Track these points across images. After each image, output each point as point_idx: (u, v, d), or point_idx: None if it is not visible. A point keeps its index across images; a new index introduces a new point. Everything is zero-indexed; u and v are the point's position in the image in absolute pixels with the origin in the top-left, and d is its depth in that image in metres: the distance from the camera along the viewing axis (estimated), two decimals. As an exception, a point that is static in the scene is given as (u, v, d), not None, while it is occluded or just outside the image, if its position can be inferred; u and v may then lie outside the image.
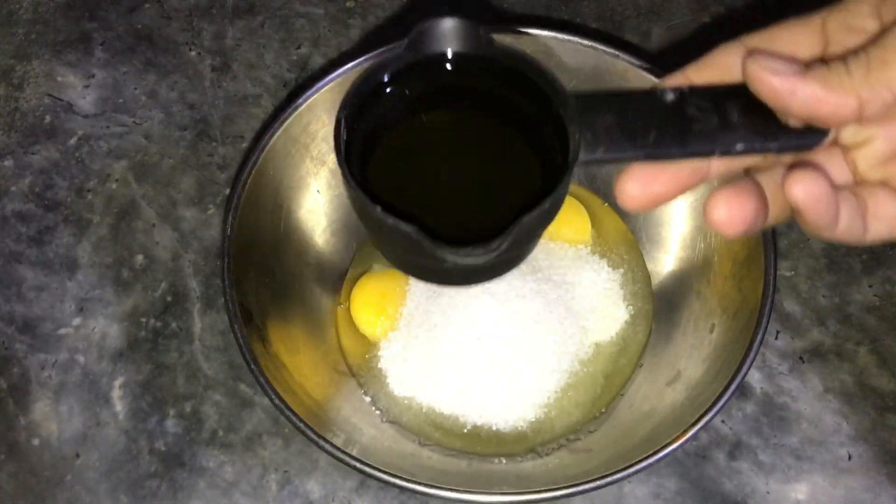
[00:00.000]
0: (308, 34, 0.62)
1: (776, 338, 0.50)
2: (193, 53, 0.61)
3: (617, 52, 0.48)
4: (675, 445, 0.40)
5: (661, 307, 0.50)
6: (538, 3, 0.62)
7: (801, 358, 0.50)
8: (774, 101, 0.28)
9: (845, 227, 0.29)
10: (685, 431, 0.40)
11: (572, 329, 0.48)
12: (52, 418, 0.49)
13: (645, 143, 0.29)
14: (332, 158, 0.51)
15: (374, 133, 0.32)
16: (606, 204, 0.53)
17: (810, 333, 0.51)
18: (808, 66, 0.28)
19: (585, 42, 0.48)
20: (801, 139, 0.29)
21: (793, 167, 0.28)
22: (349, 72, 0.48)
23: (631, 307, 0.50)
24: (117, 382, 0.50)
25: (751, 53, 0.28)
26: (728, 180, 0.29)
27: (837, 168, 0.30)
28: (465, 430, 0.47)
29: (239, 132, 0.58)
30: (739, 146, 0.29)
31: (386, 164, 0.33)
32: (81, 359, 0.51)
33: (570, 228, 0.51)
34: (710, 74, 0.30)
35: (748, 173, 0.31)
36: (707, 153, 0.29)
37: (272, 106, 0.59)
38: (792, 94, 0.27)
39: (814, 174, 0.27)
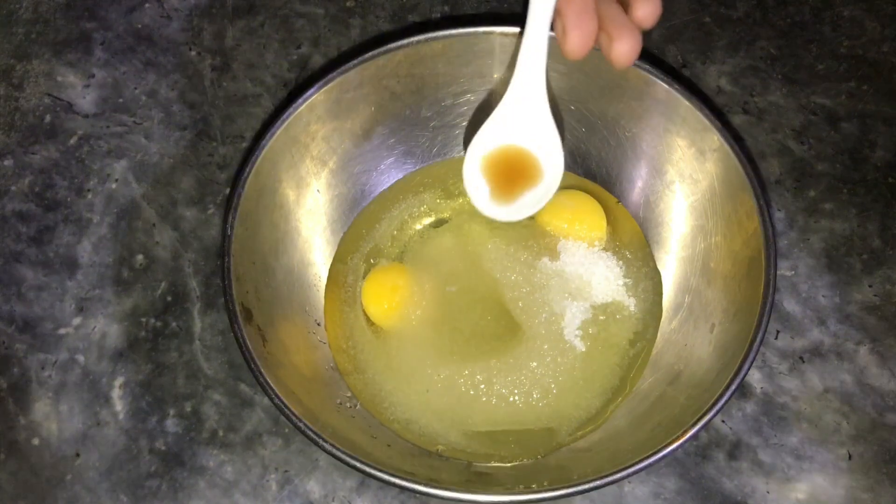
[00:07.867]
0: (308, 34, 0.62)
1: (776, 338, 0.50)
2: (193, 53, 0.61)
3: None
4: (675, 445, 0.40)
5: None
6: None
7: (801, 358, 0.50)
8: None
9: None
10: (685, 431, 0.40)
11: (585, 325, 0.49)
12: (52, 418, 0.49)
13: None
14: (332, 158, 0.51)
15: None
16: (620, 203, 0.53)
17: (810, 333, 0.50)
18: None
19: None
20: None
21: None
22: (349, 71, 0.48)
23: (642, 304, 0.50)
24: (117, 382, 0.50)
25: None
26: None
27: None
28: (475, 430, 0.47)
29: (239, 132, 0.58)
30: None
31: None
32: (81, 359, 0.51)
33: (585, 225, 0.51)
34: None
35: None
36: None
37: (272, 106, 0.59)
38: None
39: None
